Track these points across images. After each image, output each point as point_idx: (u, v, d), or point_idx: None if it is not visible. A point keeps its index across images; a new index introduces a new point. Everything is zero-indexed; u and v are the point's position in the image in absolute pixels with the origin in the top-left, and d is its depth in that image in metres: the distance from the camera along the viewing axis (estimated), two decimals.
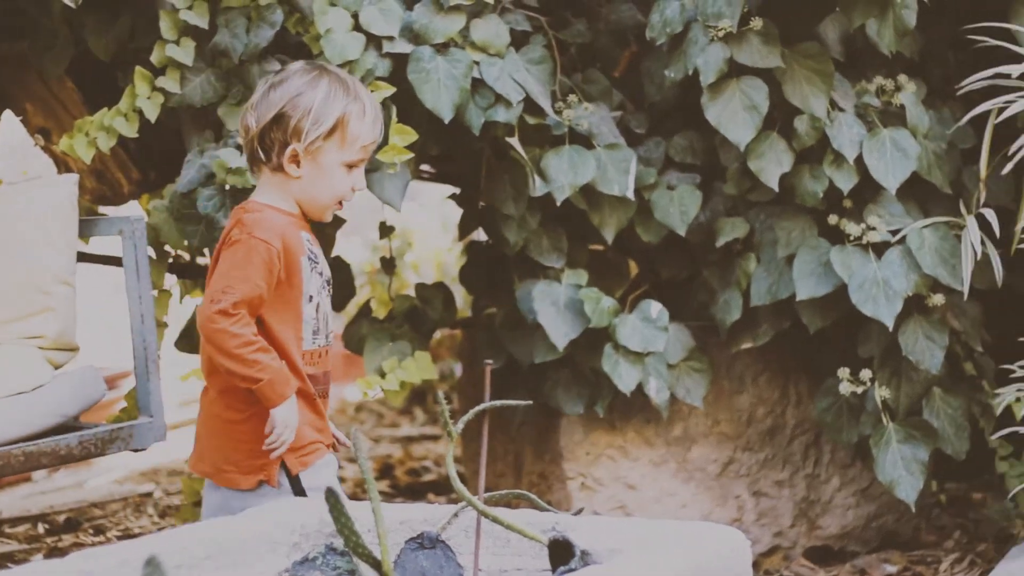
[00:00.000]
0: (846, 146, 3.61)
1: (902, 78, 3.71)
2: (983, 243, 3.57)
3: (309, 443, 3.03)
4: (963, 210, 3.67)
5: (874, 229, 3.62)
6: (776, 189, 3.64)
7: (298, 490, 3.01)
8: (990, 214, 3.59)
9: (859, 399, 3.71)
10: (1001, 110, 3.55)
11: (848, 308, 3.59)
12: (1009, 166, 3.55)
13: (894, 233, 3.64)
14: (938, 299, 3.61)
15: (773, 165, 3.63)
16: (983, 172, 3.65)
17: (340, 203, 3.11)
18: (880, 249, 3.62)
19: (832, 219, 3.68)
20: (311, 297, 3.05)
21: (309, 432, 3.03)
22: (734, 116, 3.56)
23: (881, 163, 3.61)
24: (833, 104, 3.67)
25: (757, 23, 3.50)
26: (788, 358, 3.99)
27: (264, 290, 2.96)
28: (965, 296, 3.56)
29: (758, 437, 3.99)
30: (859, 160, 3.63)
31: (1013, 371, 3.51)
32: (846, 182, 3.63)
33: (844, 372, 3.67)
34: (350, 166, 3.06)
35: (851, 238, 3.64)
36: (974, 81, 3.62)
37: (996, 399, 3.59)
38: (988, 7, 3.71)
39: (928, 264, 3.57)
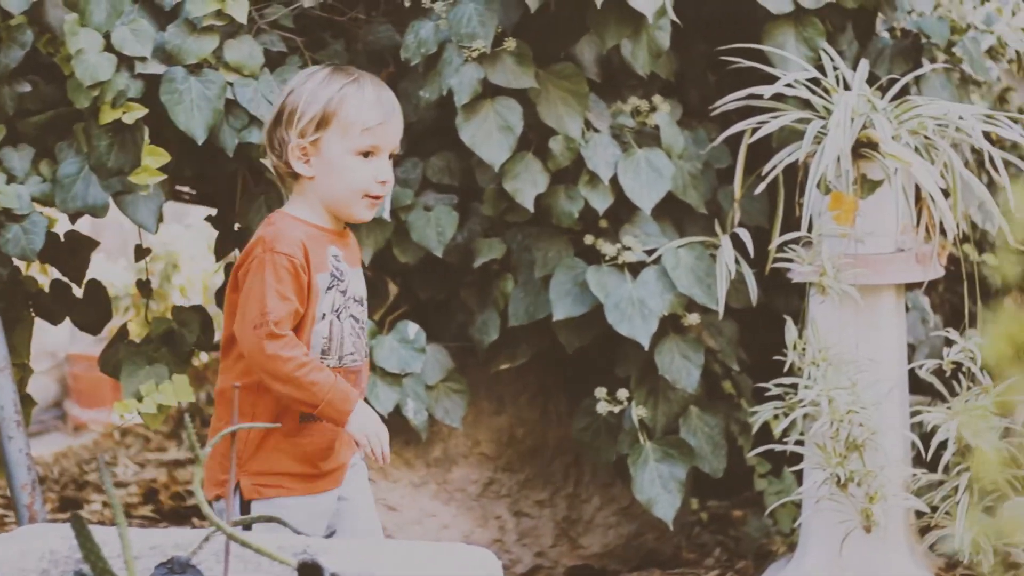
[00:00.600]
0: (601, 166, 3.74)
1: (657, 99, 3.85)
2: (737, 262, 3.74)
3: (277, 473, 2.97)
4: (718, 230, 3.83)
5: (629, 249, 3.76)
6: (532, 210, 3.75)
7: (245, 515, 2.93)
8: (744, 233, 3.75)
9: (617, 418, 3.84)
10: (755, 130, 3.72)
11: (605, 328, 3.71)
12: (762, 186, 3.71)
13: (650, 253, 3.78)
14: (693, 318, 3.76)
15: (528, 186, 3.74)
16: (738, 192, 3.82)
17: (371, 199, 3.02)
18: (636, 269, 3.76)
19: (588, 239, 3.80)
20: (323, 315, 2.97)
21: (286, 463, 2.98)
22: (488, 137, 3.66)
23: (636, 183, 3.74)
24: (588, 125, 3.79)
25: (511, 44, 3.61)
26: (548, 378, 4.10)
27: (298, 304, 2.92)
28: (721, 315, 3.71)
29: (519, 457, 4.09)
30: (615, 180, 3.75)
31: (769, 389, 3.67)
32: (601, 202, 3.76)
33: (601, 392, 3.80)
34: (364, 154, 2.99)
35: (607, 258, 3.76)
36: (728, 102, 3.78)
37: (753, 417, 3.75)
38: (742, 29, 3.87)
39: (683, 284, 3.72)
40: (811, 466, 3.64)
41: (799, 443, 3.64)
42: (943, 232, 3.69)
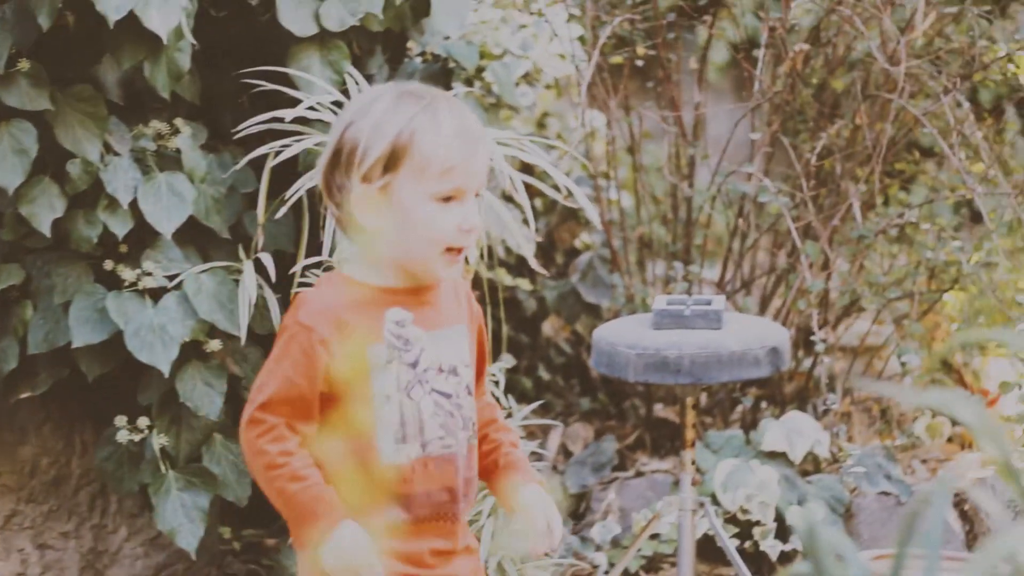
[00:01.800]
0: (120, 191, 3.86)
1: (179, 122, 3.99)
2: (260, 287, 3.94)
3: None
4: (242, 254, 4.02)
5: (150, 275, 3.90)
6: (48, 235, 3.84)
7: None
8: (268, 258, 3.94)
9: (138, 447, 3.96)
10: (278, 153, 3.92)
11: (127, 354, 3.83)
12: (284, 209, 3.90)
13: (172, 279, 3.93)
14: (215, 344, 3.94)
15: (45, 210, 3.83)
16: (261, 216, 4.01)
17: (452, 252, 2.60)
18: (157, 295, 3.89)
19: (108, 265, 3.93)
20: (388, 396, 2.59)
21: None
22: (3, 160, 3.73)
23: (156, 208, 3.88)
24: (109, 148, 3.91)
25: (25, 65, 3.72)
26: (73, 406, 4.19)
27: (306, 388, 2.54)
28: (243, 341, 3.91)
29: (42, 488, 4.18)
30: (135, 205, 3.86)
31: None
32: (121, 227, 3.87)
33: (121, 420, 3.93)
34: (445, 199, 2.56)
35: (127, 284, 3.89)
36: (251, 125, 3.95)
37: None
38: (269, 52, 4.06)
39: (205, 309, 3.89)
40: None
41: None
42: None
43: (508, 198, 4.24)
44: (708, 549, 4.37)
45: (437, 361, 2.63)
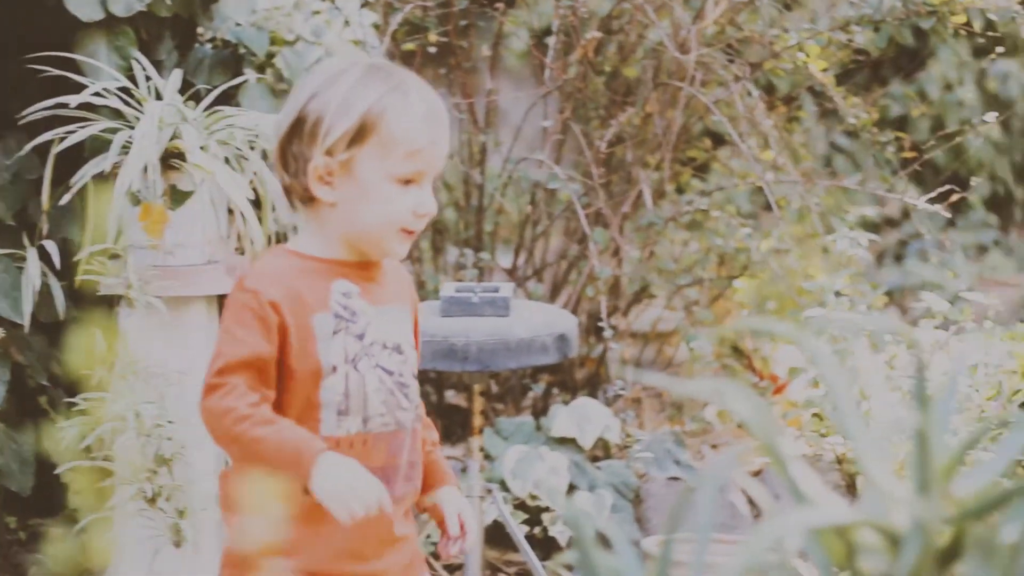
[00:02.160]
0: None
1: None
2: (45, 275, 3.95)
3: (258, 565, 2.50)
4: (26, 242, 4.03)
5: None
6: None
7: None
8: (52, 246, 3.96)
9: None
10: (63, 139, 3.92)
11: None
12: (68, 196, 3.89)
13: None
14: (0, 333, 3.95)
15: None
16: (46, 203, 4.01)
17: (406, 233, 2.60)
18: None
19: None
20: (335, 368, 2.57)
21: (274, 560, 2.51)
22: None
23: None
24: None
25: None
26: None
27: (265, 349, 2.51)
28: (27, 329, 3.91)
29: None
30: None
31: (77, 403, 3.88)
32: None
33: None
34: (406, 181, 2.56)
35: None
36: (35, 111, 3.94)
37: (63, 432, 3.94)
38: (55, 37, 4.05)
39: None
40: (120, 481, 3.88)
41: (108, 459, 3.88)
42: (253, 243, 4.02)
43: None
44: (498, 535, 4.47)
45: (383, 337, 2.63)
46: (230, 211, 3.96)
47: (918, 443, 1.68)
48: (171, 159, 3.87)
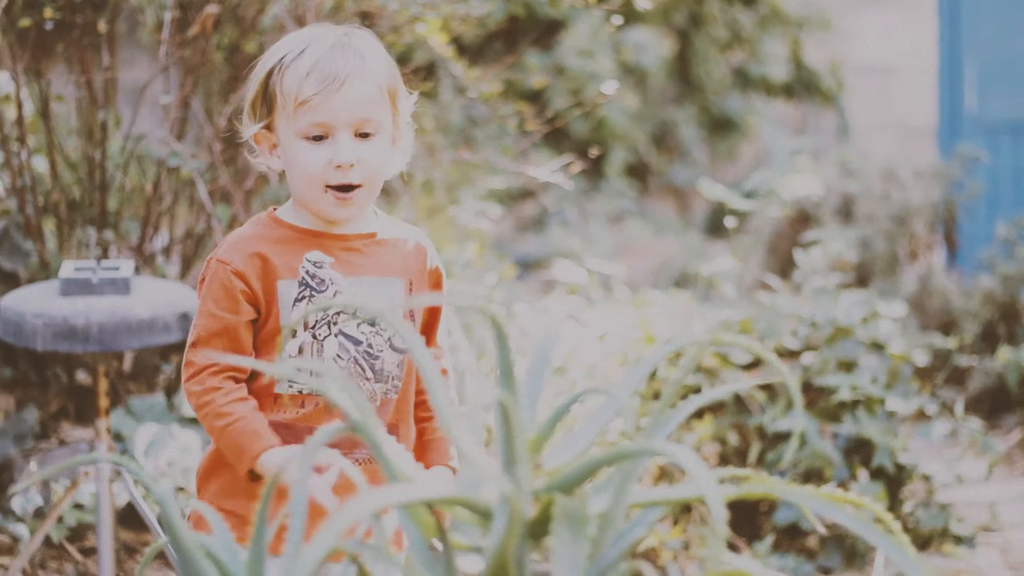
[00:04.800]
0: None
1: None
2: None
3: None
4: None
5: None
6: None
7: None
8: None
9: None
10: None
11: None
12: None
13: None
14: None
15: None
16: None
17: (334, 190, 2.65)
18: None
19: None
20: (294, 333, 2.66)
21: (240, 503, 2.69)
22: None
23: None
24: None
25: None
26: None
27: (232, 320, 2.64)
28: None
29: None
30: None
31: None
32: None
33: None
34: (315, 138, 2.64)
35: None
36: None
37: None
38: None
39: None
40: None
41: None
42: None
43: None
44: (133, 517, 4.48)
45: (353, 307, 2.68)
46: None
47: (502, 418, 1.75)
48: None
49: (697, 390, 4.83)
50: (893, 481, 4.80)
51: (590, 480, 1.79)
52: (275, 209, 2.80)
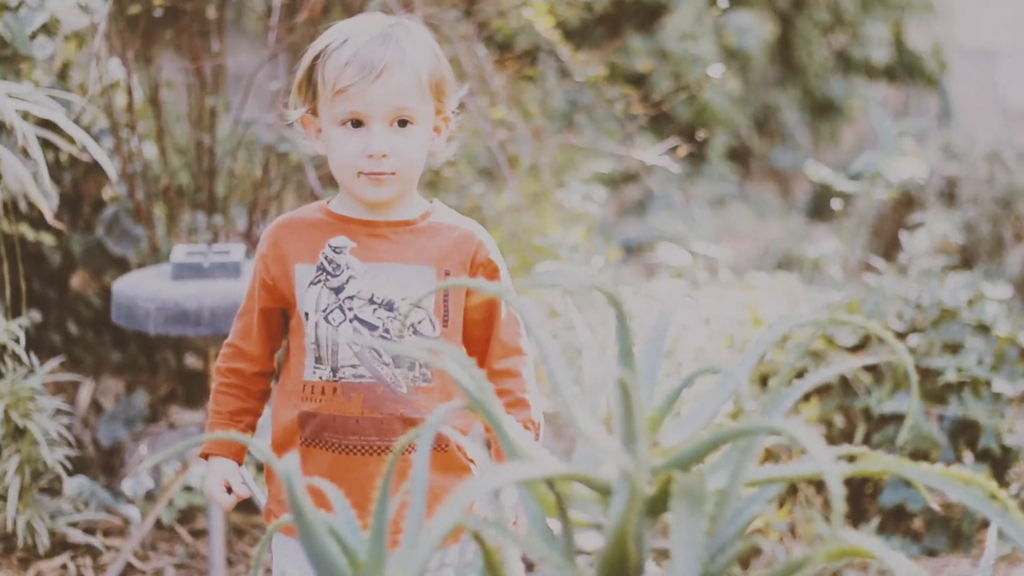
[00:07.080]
0: None
1: None
2: None
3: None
4: None
5: None
6: None
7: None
8: None
9: None
10: None
11: None
12: None
13: None
14: None
15: None
16: None
17: (368, 176, 2.70)
18: None
19: None
20: (307, 315, 2.73)
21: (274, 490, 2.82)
22: None
23: None
24: None
25: None
26: None
27: (248, 304, 2.82)
28: None
29: None
30: None
31: None
32: None
33: None
34: (353, 124, 2.70)
35: None
36: None
37: None
38: None
39: None
40: None
41: None
42: None
43: (26, 152, 4.28)
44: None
45: (369, 292, 2.72)
46: None
47: (622, 396, 1.76)
48: None
49: (802, 372, 4.82)
50: (999, 463, 4.76)
51: (704, 458, 1.79)
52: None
